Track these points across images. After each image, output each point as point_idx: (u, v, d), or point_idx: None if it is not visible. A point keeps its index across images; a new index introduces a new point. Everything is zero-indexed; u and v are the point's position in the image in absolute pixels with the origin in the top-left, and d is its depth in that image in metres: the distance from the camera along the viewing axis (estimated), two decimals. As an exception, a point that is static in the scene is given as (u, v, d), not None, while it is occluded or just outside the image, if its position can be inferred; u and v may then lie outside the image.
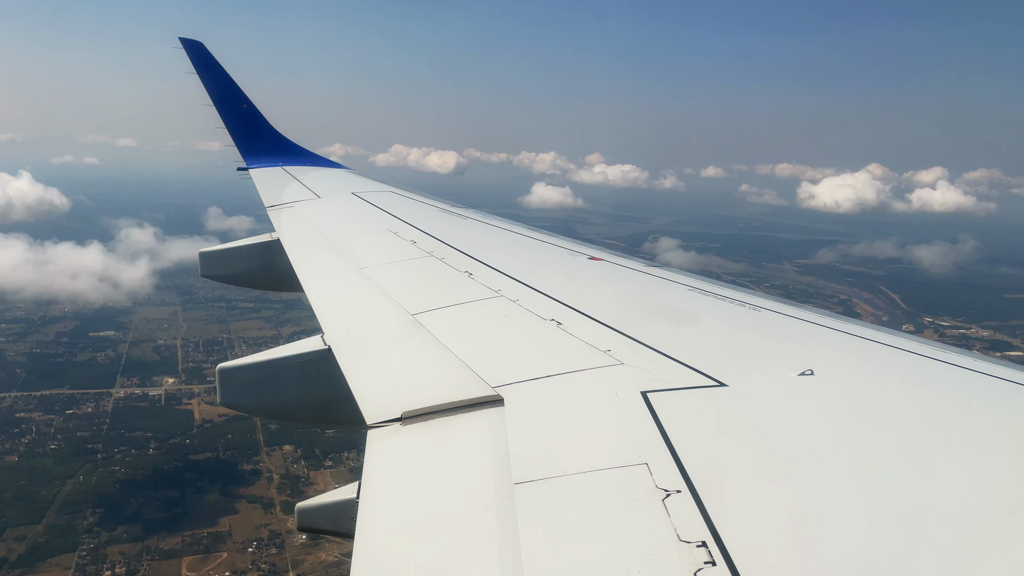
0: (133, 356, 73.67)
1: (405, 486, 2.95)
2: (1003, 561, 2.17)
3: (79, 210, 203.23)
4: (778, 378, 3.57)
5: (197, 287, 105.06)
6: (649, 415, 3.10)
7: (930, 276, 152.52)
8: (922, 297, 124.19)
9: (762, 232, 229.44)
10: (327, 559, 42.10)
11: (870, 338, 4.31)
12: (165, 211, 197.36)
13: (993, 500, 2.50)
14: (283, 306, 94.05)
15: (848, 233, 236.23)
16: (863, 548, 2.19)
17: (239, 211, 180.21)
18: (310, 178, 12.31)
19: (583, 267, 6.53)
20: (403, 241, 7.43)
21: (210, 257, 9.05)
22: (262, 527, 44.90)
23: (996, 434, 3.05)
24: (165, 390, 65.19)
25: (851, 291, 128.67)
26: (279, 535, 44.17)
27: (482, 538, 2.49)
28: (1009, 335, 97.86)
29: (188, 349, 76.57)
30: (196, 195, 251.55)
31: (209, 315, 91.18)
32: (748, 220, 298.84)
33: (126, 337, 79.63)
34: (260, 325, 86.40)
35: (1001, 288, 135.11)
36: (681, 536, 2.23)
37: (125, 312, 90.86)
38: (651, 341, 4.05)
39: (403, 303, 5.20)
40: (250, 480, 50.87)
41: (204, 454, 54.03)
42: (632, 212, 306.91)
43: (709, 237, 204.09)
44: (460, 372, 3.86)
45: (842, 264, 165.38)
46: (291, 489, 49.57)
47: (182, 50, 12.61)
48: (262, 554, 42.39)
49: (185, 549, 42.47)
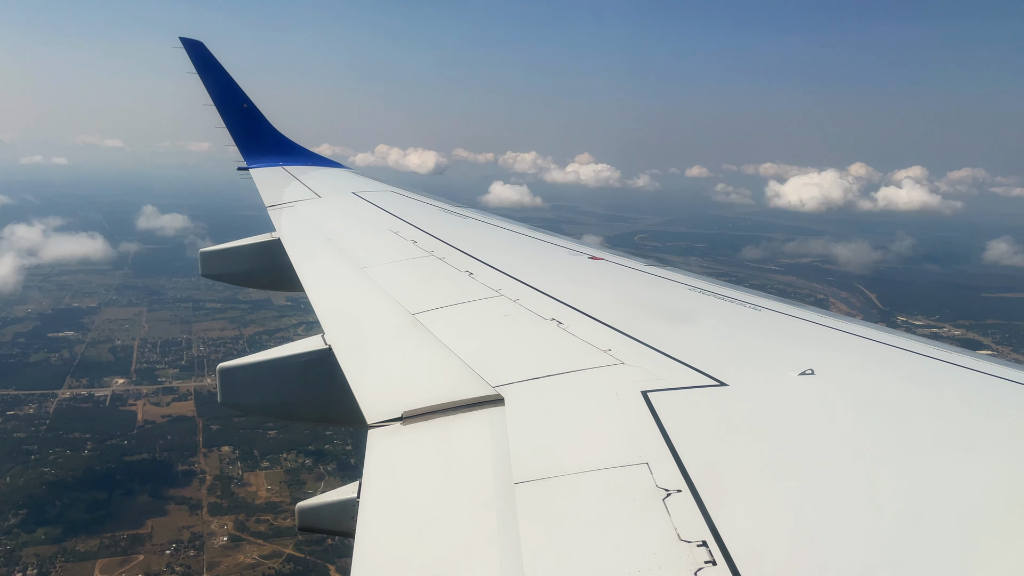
0: (88, 357, 73.09)
1: (406, 486, 2.97)
2: (1004, 561, 2.17)
3: (10, 209, 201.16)
4: (779, 378, 3.58)
5: (167, 288, 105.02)
6: (650, 415, 3.11)
7: (912, 276, 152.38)
8: (900, 297, 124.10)
9: (750, 232, 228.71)
10: (245, 560, 41.74)
11: (871, 338, 4.31)
12: (101, 210, 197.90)
13: (994, 500, 2.49)
14: (250, 307, 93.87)
15: (836, 232, 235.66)
16: (864, 547, 2.19)
17: (173, 210, 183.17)
18: (310, 178, 12.36)
19: (583, 267, 6.52)
20: (403, 240, 7.44)
21: (210, 257, 9.09)
22: (185, 529, 44.49)
23: (997, 434, 3.06)
24: (112, 391, 64.58)
25: (829, 290, 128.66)
26: (200, 537, 43.79)
27: (483, 538, 2.50)
28: (981, 334, 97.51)
29: (144, 350, 76.06)
30: (145, 194, 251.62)
31: (174, 315, 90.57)
32: (737, 220, 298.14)
33: (84, 338, 79.36)
34: (223, 326, 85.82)
35: (981, 288, 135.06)
36: (682, 536, 2.23)
37: (89, 312, 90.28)
38: (651, 341, 4.06)
39: (403, 302, 5.21)
40: (183, 481, 50.45)
41: (140, 455, 53.50)
42: (620, 212, 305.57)
43: (695, 237, 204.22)
44: (460, 372, 3.87)
45: (824, 264, 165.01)
46: (221, 491, 49.26)
47: (181, 50, 12.58)
48: (179, 556, 41.92)
49: (102, 551, 41.96)
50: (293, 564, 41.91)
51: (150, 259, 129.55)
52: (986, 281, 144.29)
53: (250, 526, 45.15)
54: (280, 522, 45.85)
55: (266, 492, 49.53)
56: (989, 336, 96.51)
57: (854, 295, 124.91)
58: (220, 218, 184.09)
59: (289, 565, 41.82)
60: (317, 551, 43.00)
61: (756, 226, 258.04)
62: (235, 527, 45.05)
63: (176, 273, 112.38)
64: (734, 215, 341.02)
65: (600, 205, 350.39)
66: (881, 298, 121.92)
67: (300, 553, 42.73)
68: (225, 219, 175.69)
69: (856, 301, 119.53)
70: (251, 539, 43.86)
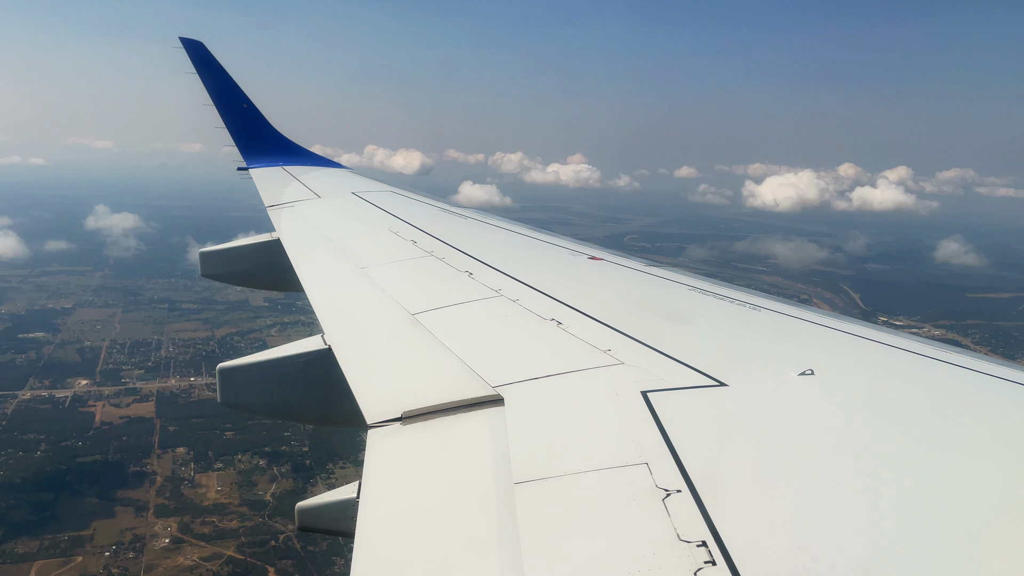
0: (55, 358, 72.57)
1: (405, 486, 2.97)
2: (1003, 560, 2.17)
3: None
4: (778, 378, 3.58)
5: (145, 288, 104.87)
6: (649, 415, 3.11)
7: (898, 276, 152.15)
8: (884, 297, 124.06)
9: (741, 233, 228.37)
10: (184, 563, 41.42)
11: (870, 338, 4.32)
12: (52, 209, 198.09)
13: (993, 500, 2.50)
14: (226, 308, 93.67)
15: (829, 234, 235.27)
16: (863, 547, 2.19)
17: (124, 208, 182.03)
18: (310, 178, 12.38)
19: (583, 267, 6.54)
20: (403, 241, 7.47)
21: (210, 257, 9.09)
22: (127, 531, 44.12)
23: (996, 434, 3.06)
24: (74, 392, 63.95)
25: (814, 290, 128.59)
26: (142, 539, 43.42)
27: (482, 537, 2.51)
28: (961, 334, 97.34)
29: (113, 351, 75.45)
30: (101, 194, 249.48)
31: (148, 316, 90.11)
32: (730, 221, 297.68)
33: (54, 339, 79.12)
34: (196, 327, 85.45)
35: (966, 287, 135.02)
36: (681, 536, 2.23)
37: (63, 314, 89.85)
38: (651, 341, 4.06)
39: (403, 303, 5.22)
40: (134, 483, 50.07)
41: (93, 456, 53.09)
42: (611, 213, 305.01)
43: (685, 238, 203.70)
44: (460, 372, 3.87)
45: (811, 264, 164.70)
46: (171, 492, 48.94)
47: (176, 51, 12.58)
48: (118, 558, 41.54)
49: (41, 553, 41.45)
50: (232, 566, 41.52)
51: (131, 260, 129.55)
52: (973, 281, 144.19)
53: (194, 528, 44.81)
54: (225, 524, 45.58)
55: (215, 494, 49.22)
56: (969, 336, 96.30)
57: (838, 295, 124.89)
58: (172, 218, 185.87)
59: (228, 567, 41.44)
60: (259, 553, 42.70)
61: (748, 227, 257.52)
62: (179, 529, 44.68)
63: (157, 275, 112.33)
64: (725, 216, 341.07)
65: (592, 206, 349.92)
66: (865, 298, 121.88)
67: (241, 555, 42.43)
68: (181, 220, 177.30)
69: (839, 301, 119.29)
70: (193, 541, 43.50)
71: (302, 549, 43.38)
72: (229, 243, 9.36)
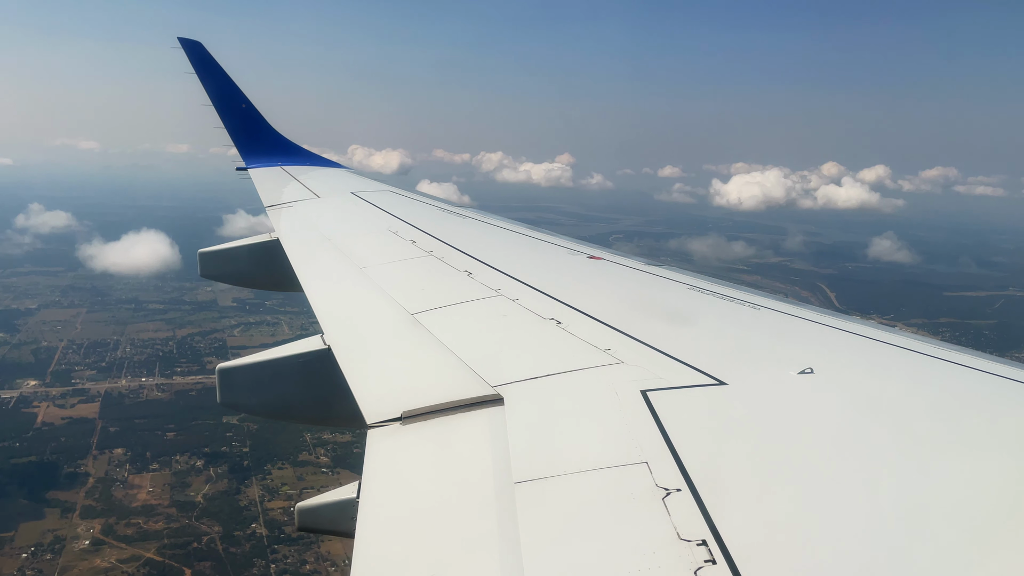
0: (9, 359, 72.24)
1: (405, 486, 2.97)
2: (1003, 560, 2.16)
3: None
4: (778, 377, 3.58)
5: (114, 288, 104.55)
6: (649, 414, 3.10)
7: (875, 275, 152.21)
8: (860, 296, 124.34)
9: (733, 233, 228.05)
10: (100, 565, 41.04)
11: (870, 336, 4.32)
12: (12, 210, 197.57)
13: (993, 499, 2.49)
14: (192, 308, 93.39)
15: (817, 232, 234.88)
16: (863, 546, 2.18)
17: (56, 207, 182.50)
18: (309, 178, 12.38)
19: (582, 266, 6.54)
20: (402, 240, 7.47)
21: (209, 257, 9.06)
22: (49, 532, 43.75)
23: (996, 433, 3.06)
24: (21, 392, 63.68)
25: (791, 289, 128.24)
26: (63, 540, 43.04)
27: (482, 537, 2.51)
28: (932, 332, 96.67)
29: (69, 352, 75.21)
30: (69, 194, 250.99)
31: (111, 317, 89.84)
32: (718, 221, 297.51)
33: (12, 339, 78.73)
34: (159, 327, 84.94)
35: (942, 286, 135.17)
36: (681, 535, 2.23)
37: (26, 314, 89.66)
38: (651, 340, 4.06)
39: (403, 302, 5.21)
40: (66, 484, 49.73)
41: (28, 457, 52.77)
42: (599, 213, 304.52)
43: (670, 237, 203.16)
44: (460, 371, 3.86)
45: (790, 263, 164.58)
46: (100, 493, 48.63)
47: (173, 52, 12.50)
48: (35, 560, 41.21)
49: (-42, 553, 41.39)
50: (149, 568, 41.18)
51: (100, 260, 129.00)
52: (951, 280, 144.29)
53: (118, 530, 44.47)
54: (151, 525, 45.20)
55: (146, 495, 48.90)
56: (940, 334, 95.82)
57: (815, 294, 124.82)
58: (109, 215, 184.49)
59: (145, 569, 41.07)
60: (178, 555, 42.32)
61: (739, 226, 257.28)
62: (102, 531, 44.31)
63: (125, 274, 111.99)
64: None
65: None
66: (840, 297, 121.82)
67: (160, 557, 42.02)
68: (116, 217, 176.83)
69: (815, 300, 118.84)
70: (114, 543, 43.13)
71: (224, 551, 43.01)
72: (228, 243, 9.31)
